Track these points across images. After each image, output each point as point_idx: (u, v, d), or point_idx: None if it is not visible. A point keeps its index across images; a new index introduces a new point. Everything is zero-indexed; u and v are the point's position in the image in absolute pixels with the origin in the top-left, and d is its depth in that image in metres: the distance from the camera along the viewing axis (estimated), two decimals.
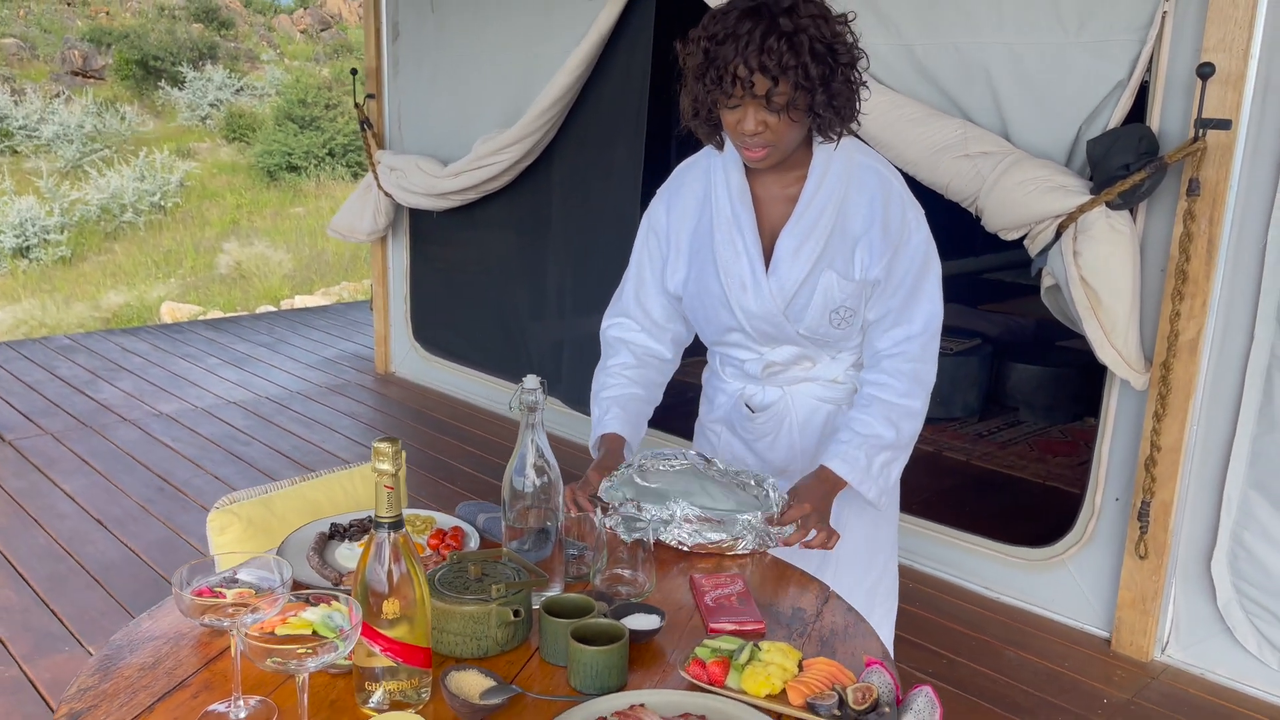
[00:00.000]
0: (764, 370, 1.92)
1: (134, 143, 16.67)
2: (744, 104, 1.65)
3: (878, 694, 1.24)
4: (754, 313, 1.83)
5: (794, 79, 1.60)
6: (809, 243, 1.78)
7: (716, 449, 2.06)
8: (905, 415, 1.82)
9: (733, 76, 1.61)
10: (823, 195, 1.77)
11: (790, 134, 1.69)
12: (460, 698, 1.24)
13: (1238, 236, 2.67)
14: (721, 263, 1.83)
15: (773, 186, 1.82)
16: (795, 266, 1.79)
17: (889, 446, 1.82)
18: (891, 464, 1.85)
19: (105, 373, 5.66)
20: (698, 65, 1.67)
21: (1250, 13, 2.55)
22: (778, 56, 1.58)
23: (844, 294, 1.79)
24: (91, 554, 3.49)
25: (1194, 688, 2.83)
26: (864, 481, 1.81)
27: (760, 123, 1.66)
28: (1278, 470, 2.66)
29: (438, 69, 4.98)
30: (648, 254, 1.96)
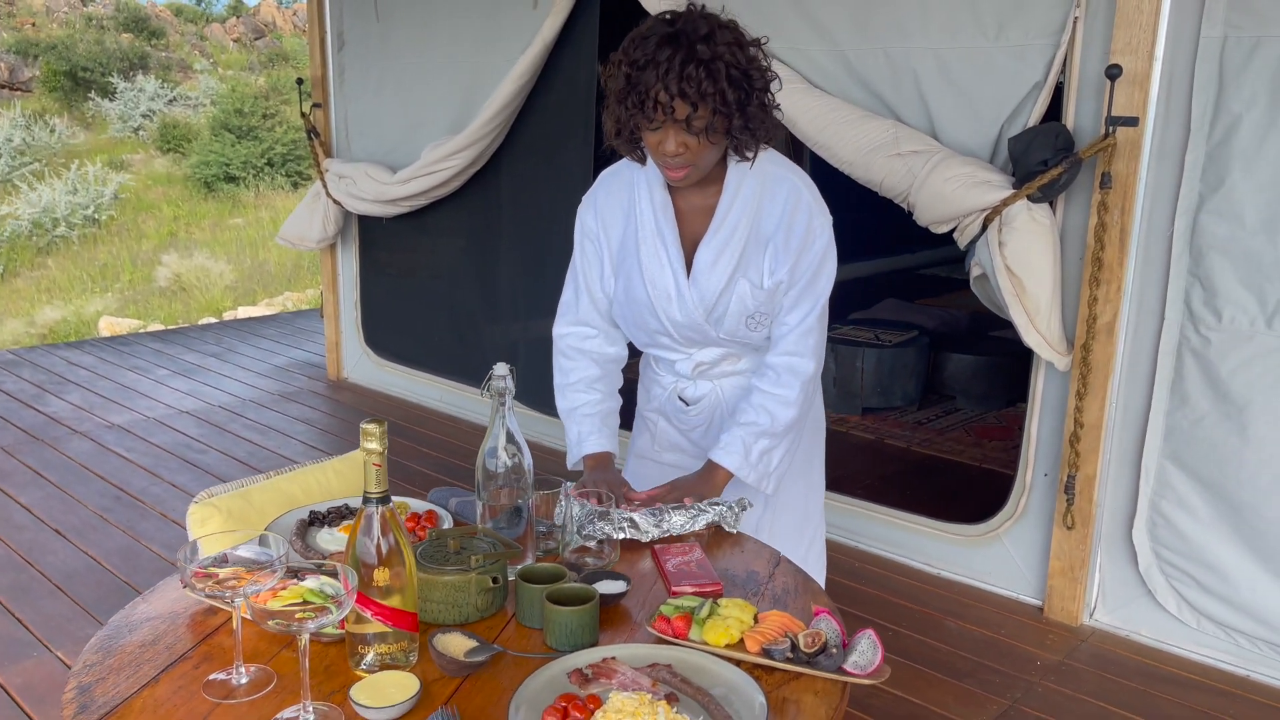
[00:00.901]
0: (694, 369, 2.04)
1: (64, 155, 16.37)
2: (665, 127, 1.73)
3: (826, 638, 1.38)
4: (679, 320, 1.94)
5: (712, 104, 1.69)
6: (725, 254, 1.89)
7: (655, 436, 2.18)
8: (779, 403, 1.93)
9: (654, 102, 1.69)
10: (738, 208, 1.87)
11: (709, 154, 1.79)
12: (447, 656, 1.35)
13: (1147, 226, 2.87)
14: (648, 274, 1.93)
15: (693, 199, 1.92)
16: (714, 277, 1.89)
17: (766, 434, 1.93)
18: (771, 451, 1.95)
19: (52, 386, 5.62)
20: (620, 89, 1.75)
21: (1154, 17, 2.75)
22: (696, 83, 1.67)
23: (756, 301, 1.91)
24: (53, 563, 3.51)
25: (1120, 648, 3.02)
26: (743, 468, 1.92)
27: (681, 144, 1.74)
28: (1190, 442, 2.86)
29: (384, 77, 5.05)
30: (585, 260, 2.04)
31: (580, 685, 1.32)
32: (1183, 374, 2.85)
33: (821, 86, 3.37)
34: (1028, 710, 2.73)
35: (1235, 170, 2.68)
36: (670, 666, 1.36)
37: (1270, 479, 2.73)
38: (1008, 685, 2.84)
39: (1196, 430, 2.84)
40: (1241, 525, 2.80)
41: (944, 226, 3.11)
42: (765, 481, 1.97)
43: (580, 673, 1.34)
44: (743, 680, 1.33)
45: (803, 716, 1.29)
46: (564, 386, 2.09)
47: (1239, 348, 2.73)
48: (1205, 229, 2.75)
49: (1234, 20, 2.63)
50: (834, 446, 4.40)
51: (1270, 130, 2.62)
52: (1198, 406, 2.83)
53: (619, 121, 1.81)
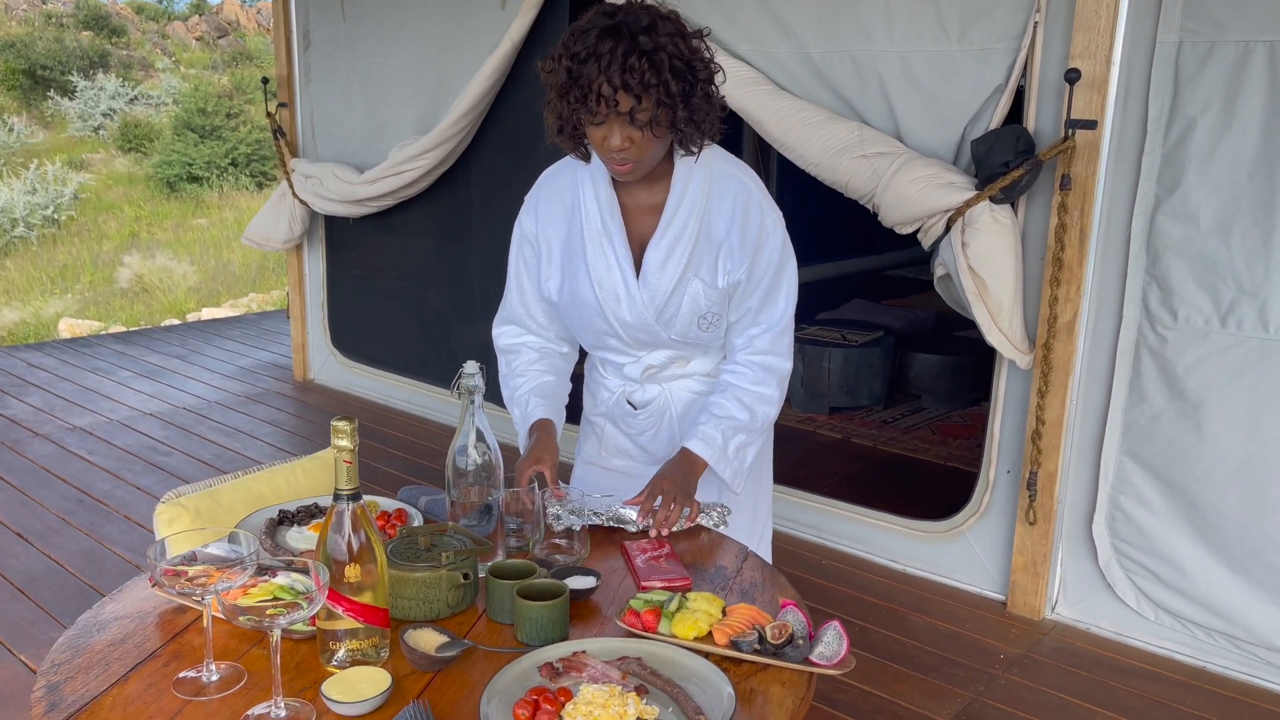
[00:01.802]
0: (643, 373, 2.01)
1: (23, 154, 16.12)
2: (609, 121, 1.69)
3: (792, 629, 1.40)
4: (628, 322, 1.90)
5: (656, 96, 1.66)
6: (675, 253, 1.85)
7: (602, 441, 2.14)
8: (758, 400, 1.93)
9: (597, 95, 1.66)
10: (686, 205, 1.84)
11: (654, 149, 1.75)
12: (419, 651, 1.36)
13: (1106, 227, 2.93)
14: (595, 275, 1.89)
15: (639, 197, 1.88)
16: (664, 277, 1.86)
17: (744, 429, 1.92)
18: (747, 447, 1.95)
19: (11, 388, 5.54)
20: (561, 84, 1.70)
21: (1111, 22, 2.81)
22: (639, 75, 1.63)
23: (709, 300, 1.88)
24: (14, 566, 3.46)
25: (1081, 641, 3.08)
26: (720, 461, 1.90)
27: (625, 139, 1.71)
28: (1148, 438, 2.92)
29: (351, 77, 5.03)
30: (523, 262, 2.02)
31: (551, 679, 1.33)
32: (1140, 372, 2.91)
33: (788, 88, 3.41)
34: (991, 703, 2.77)
35: (1190, 172, 2.75)
36: (640, 659, 1.38)
37: (1224, 474, 2.79)
38: (972, 678, 2.89)
39: (1154, 427, 2.90)
40: (1197, 520, 2.86)
41: (909, 227, 3.16)
42: (738, 480, 1.95)
43: (551, 666, 1.35)
44: (711, 672, 1.35)
45: (770, 706, 1.31)
46: (505, 378, 2.06)
47: (1194, 346, 2.80)
48: (1162, 230, 2.82)
49: (1189, 26, 2.70)
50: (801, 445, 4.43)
51: (1224, 133, 2.68)
52: (1155, 404, 2.89)
53: (561, 117, 1.76)
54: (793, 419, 5.11)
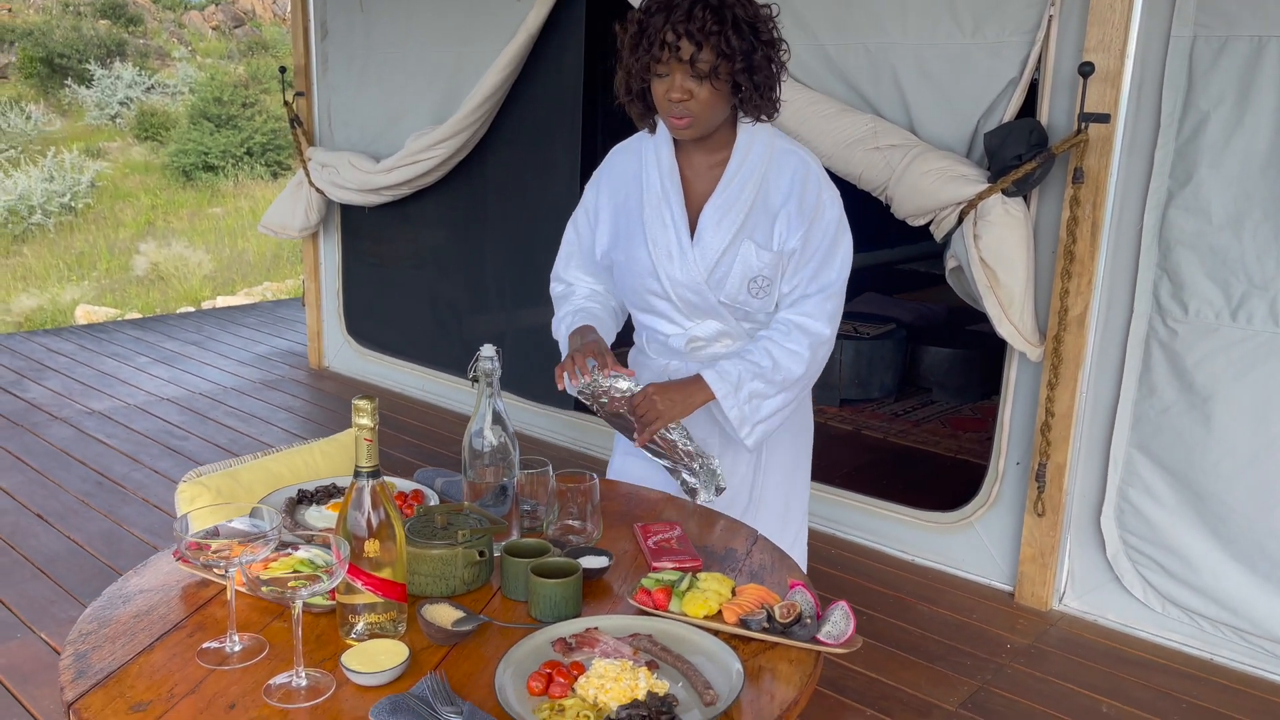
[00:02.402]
0: (687, 345, 2.03)
1: (40, 142, 16.22)
2: (671, 71, 1.79)
3: (800, 609, 1.43)
4: (679, 280, 1.95)
5: (716, 45, 1.75)
6: (730, 214, 1.92)
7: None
8: (786, 354, 1.92)
9: (661, 42, 1.77)
10: (745, 171, 1.92)
11: (713, 105, 1.82)
12: (435, 625, 1.39)
13: (1118, 220, 2.94)
14: (650, 234, 1.96)
15: (699, 163, 1.96)
16: (717, 236, 1.92)
17: (763, 377, 1.91)
18: (763, 398, 1.92)
19: (30, 373, 5.61)
20: (632, 36, 1.82)
21: (1126, 15, 2.82)
22: (701, 23, 1.74)
23: (761, 263, 1.92)
24: (35, 546, 3.52)
25: (1088, 632, 3.10)
26: (729, 398, 1.90)
27: (685, 90, 1.79)
28: (1158, 431, 2.94)
29: (367, 67, 5.07)
30: (575, 231, 2.13)
31: (564, 653, 1.37)
32: (1150, 365, 2.92)
33: (802, 80, 3.42)
34: (997, 691, 2.80)
35: (1203, 166, 2.76)
36: (651, 636, 1.41)
37: (1232, 467, 2.81)
38: (978, 667, 2.91)
39: (1163, 420, 2.92)
40: (1205, 512, 2.87)
41: (921, 219, 3.17)
42: (745, 427, 1.93)
43: (564, 641, 1.38)
44: (720, 649, 1.38)
45: (777, 684, 1.34)
46: (555, 320, 2.12)
47: (1204, 340, 2.81)
48: (1173, 223, 2.83)
49: (1203, 20, 2.70)
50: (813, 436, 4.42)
51: (1236, 128, 2.69)
52: (1164, 397, 2.90)
53: (630, 74, 1.86)
54: None
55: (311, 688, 1.29)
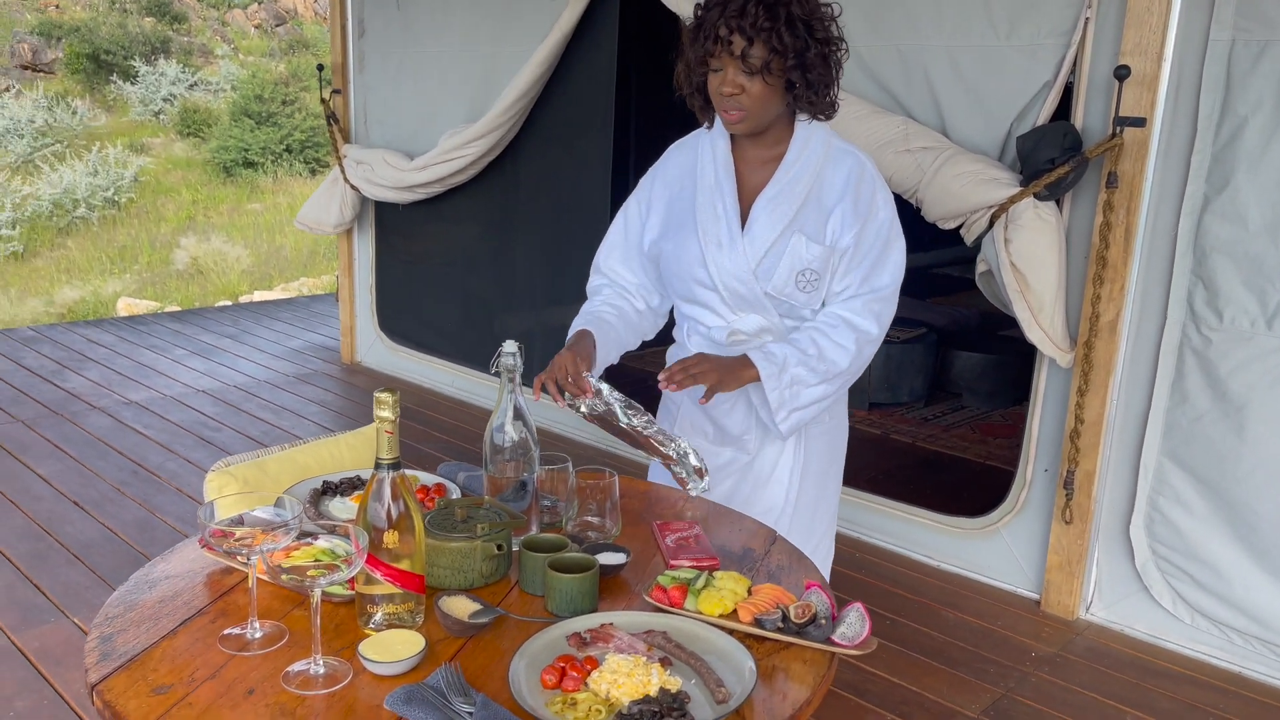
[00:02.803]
0: (729, 338, 2.01)
1: (86, 137, 16.51)
2: (724, 66, 1.82)
3: (816, 610, 1.43)
4: (727, 269, 1.95)
5: (768, 41, 1.76)
6: (782, 206, 1.92)
7: (677, 419, 2.16)
8: (831, 345, 1.92)
9: (714, 36, 1.79)
10: (801, 165, 1.92)
11: (765, 100, 1.83)
12: (452, 617, 1.41)
13: (1153, 226, 2.90)
14: (701, 225, 1.97)
15: (754, 157, 1.97)
16: (768, 227, 1.92)
17: (806, 363, 1.90)
18: (803, 385, 1.92)
19: (71, 363, 5.72)
20: (691, 30, 1.86)
21: (1164, 18, 2.78)
22: (754, 18, 1.76)
23: (811, 256, 1.91)
24: (70, 533, 3.59)
25: (1115, 642, 3.06)
26: (772, 380, 1.89)
27: (736, 85, 1.81)
28: (1189, 440, 2.90)
29: (403, 65, 5.11)
30: (624, 219, 2.12)
31: (578, 648, 1.38)
32: (1183, 373, 2.89)
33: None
34: (1020, 699, 2.77)
35: (1240, 172, 2.72)
36: (665, 633, 1.42)
37: (1265, 478, 2.76)
38: (1002, 675, 2.89)
39: (1195, 429, 2.88)
40: (1237, 523, 2.83)
41: (951, 222, 3.15)
42: (783, 411, 1.93)
43: (579, 636, 1.39)
44: (734, 647, 1.38)
45: (791, 683, 1.34)
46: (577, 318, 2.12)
47: (1239, 348, 2.77)
48: (1209, 230, 2.79)
49: (1242, 24, 2.66)
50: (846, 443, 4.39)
51: (1275, 134, 2.65)
52: (1197, 405, 2.87)
53: (689, 67, 1.90)
54: None
55: (329, 675, 1.31)
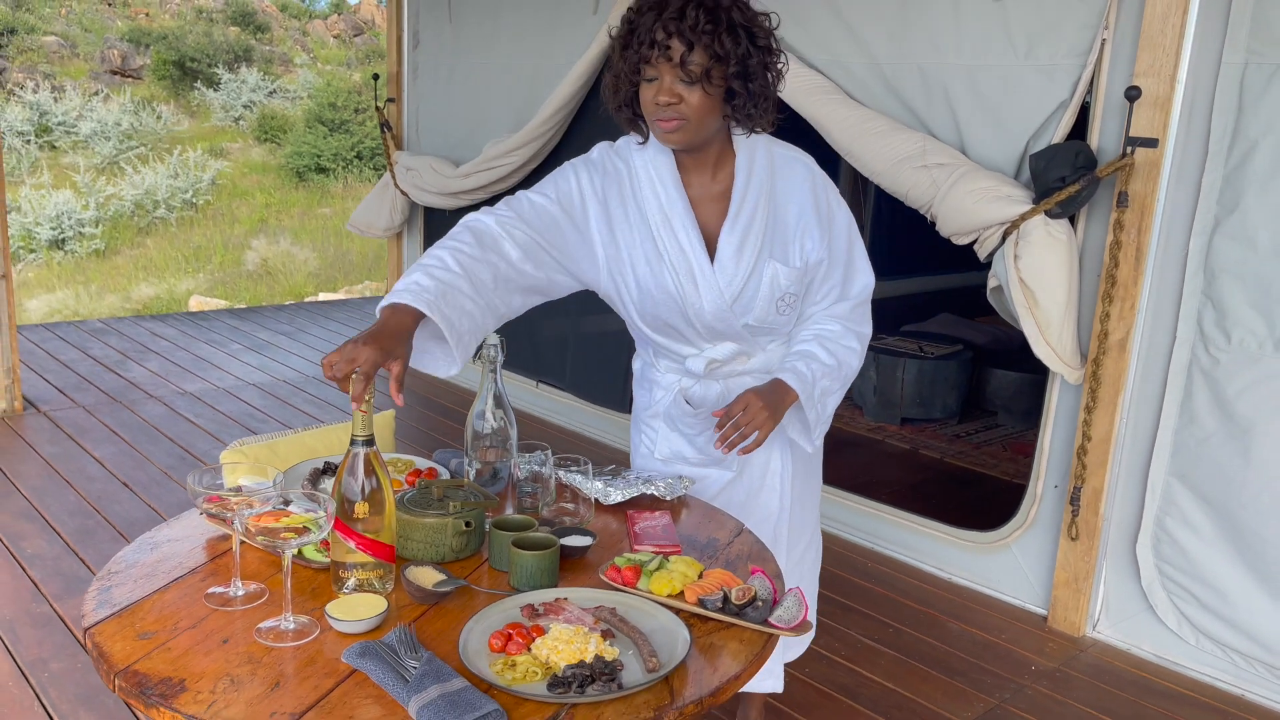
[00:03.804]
0: (706, 367, 1.97)
1: (169, 141, 17.16)
2: (660, 74, 1.70)
3: (756, 593, 1.51)
4: (704, 310, 1.88)
5: (709, 46, 1.67)
6: (749, 240, 1.85)
7: (655, 444, 2.10)
8: (845, 350, 1.94)
9: (650, 40, 1.68)
10: (753, 190, 1.85)
11: (704, 111, 1.73)
12: (416, 585, 1.52)
13: (1164, 245, 2.92)
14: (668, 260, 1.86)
15: (702, 186, 1.87)
16: (740, 263, 1.85)
17: (830, 375, 1.91)
18: (829, 395, 1.94)
19: (134, 354, 6.00)
20: (622, 36, 1.75)
21: (1178, 41, 2.81)
22: (694, 22, 1.66)
23: (788, 281, 1.88)
24: (118, 512, 3.80)
25: (1119, 660, 3.06)
26: (808, 400, 1.89)
27: (674, 94, 1.71)
28: (1197, 460, 2.90)
29: (453, 75, 5.30)
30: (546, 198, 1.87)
31: (529, 617, 1.48)
32: (1192, 393, 2.89)
33: (859, 99, 3.48)
34: (1013, 710, 2.80)
35: (1250, 194, 2.72)
36: (614, 609, 1.51)
37: (1271, 500, 2.76)
38: (999, 686, 2.91)
39: (1203, 449, 2.88)
40: (1242, 545, 2.82)
41: (965, 238, 3.20)
42: (817, 429, 1.93)
43: (531, 607, 1.49)
44: (674, 623, 1.47)
45: (725, 659, 1.42)
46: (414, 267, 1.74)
47: (1247, 369, 2.77)
48: (1219, 251, 2.80)
49: (1255, 47, 2.68)
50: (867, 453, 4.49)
51: None
52: (1205, 425, 2.87)
53: (619, 77, 1.78)
54: (863, 427, 5.15)
55: (298, 631, 1.43)
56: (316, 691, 1.29)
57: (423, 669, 1.31)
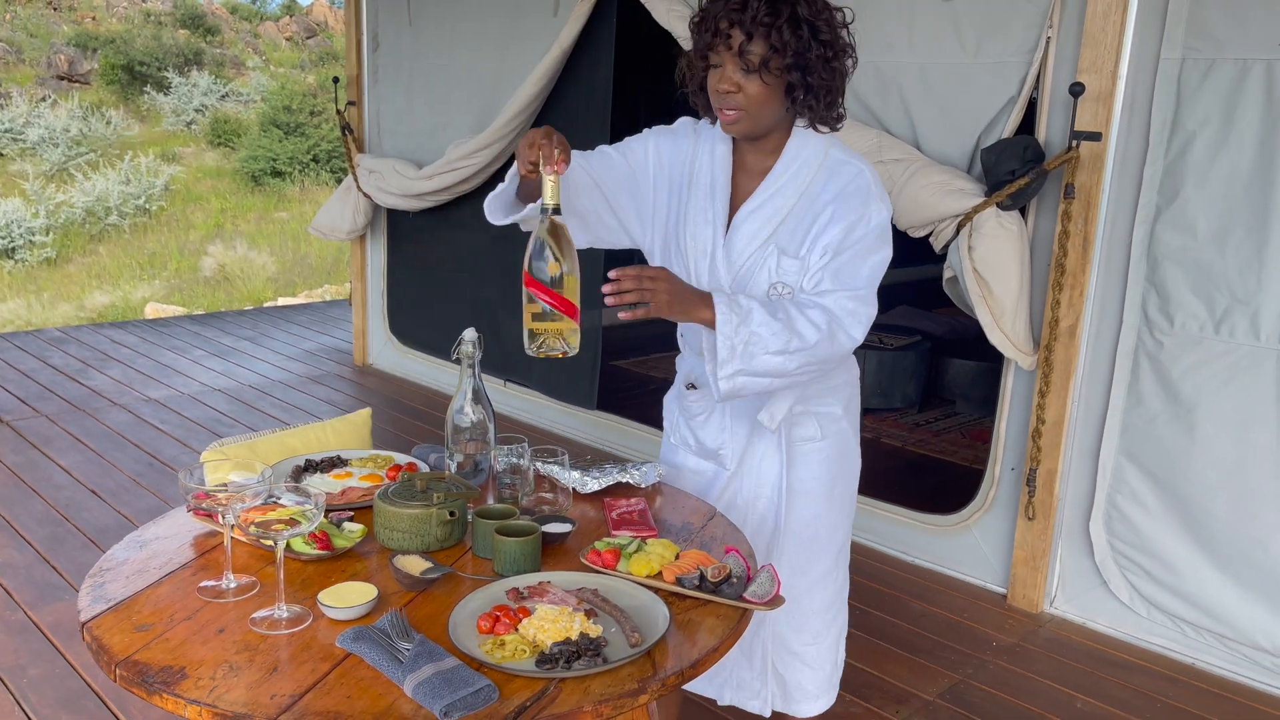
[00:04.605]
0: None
1: (119, 146, 16.93)
2: (723, 61, 1.77)
3: (730, 570, 1.58)
4: (706, 281, 1.93)
5: (768, 38, 1.71)
6: (762, 220, 1.87)
7: (672, 428, 2.18)
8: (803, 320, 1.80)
9: (715, 29, 1.75)
10: (788, 178, 1.85)
11: (763, 102, 1.76)
12: (404, 572, 1.58)
13: (1109, 235, 3.04)
14: (692, 229, 1.93)
15: (750, 166, 1.91)
16: (748, 241, 1.88)
17: (770, 326, 1.77)
18: (760, 347, 1.77)
19: (95, 362, 5.96)
20: (694, 24, 1.82)
21: (1118, 38, 2.93)
22: (754, 13, 1.71)
23: (784, 270, 1.86)
24: (87, 519, 3.80)
25: (1075, 634, 3.18)
26: (726, 327, 1.76)
27: (733, 83, 1.76)
28: (1144, 440, 3.02)
29: (414, 78, 5.32)
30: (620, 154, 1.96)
31: (515, 600, 1.54)
32: (1138, 375, 3.01)
33: None
34: (977, 685, 2.90)
35: (1189, 184, 2.85)
36: (596, 591, 1.58)
37: (1215, 476, 2.89)
38: (962, 662, 3.02)
39: (1150, 429, 3.00)
40: (1189, 520, 2.95)
41: (921, 231, 3.30)
42: (727, 367, 1.77)
43: (517, 591, 1.56)
44: (654, 601, 1.54)
45: (703, 634, 1.50)
46: None
47: (1189, 352, 2.90)
48: (1161, 239, 2.92)
49: (1191, 43, 2.80)
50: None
51: (1221, 147, 2.78)
52: (1151, 407, 2.99)
53: (690, 63, 1.87)
54: None
55: (292, 619, 1.48)
56: (314, 675, 1.35)
57: (416, 650, 1.36)
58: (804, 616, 2.13)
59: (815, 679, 2.17)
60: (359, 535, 1.72)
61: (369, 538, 1.75)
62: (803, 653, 2.14)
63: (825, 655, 2.18)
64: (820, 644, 2.16)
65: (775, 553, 2.07)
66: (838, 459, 2.10)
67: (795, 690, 2.16)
